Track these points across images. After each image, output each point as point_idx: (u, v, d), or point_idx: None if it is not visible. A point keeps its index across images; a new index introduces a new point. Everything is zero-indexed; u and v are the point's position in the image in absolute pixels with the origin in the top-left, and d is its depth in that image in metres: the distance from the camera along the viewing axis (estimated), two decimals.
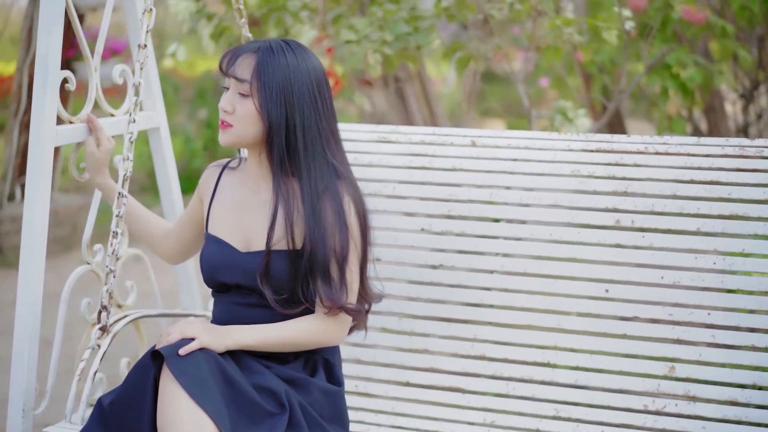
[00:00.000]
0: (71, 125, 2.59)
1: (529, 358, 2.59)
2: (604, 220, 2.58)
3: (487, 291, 2.65)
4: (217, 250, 2.30)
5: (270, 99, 2.18)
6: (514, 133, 2.79)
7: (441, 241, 2.71)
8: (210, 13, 3.95)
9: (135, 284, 2.91)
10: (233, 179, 2.39)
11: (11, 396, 2.43)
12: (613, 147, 2.64)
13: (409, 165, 2.80)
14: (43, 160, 2.47)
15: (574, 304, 2.57)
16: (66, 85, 2.57)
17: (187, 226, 2.52)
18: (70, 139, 2.58)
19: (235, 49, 2.27)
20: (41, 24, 2.47)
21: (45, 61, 2.46)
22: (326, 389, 2.23)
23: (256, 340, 2.17)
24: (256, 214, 2.29)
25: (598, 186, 2.60)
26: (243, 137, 2.24)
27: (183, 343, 2.06)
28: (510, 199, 2.68)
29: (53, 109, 2.48)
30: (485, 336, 2.64)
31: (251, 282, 2.23)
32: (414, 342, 2.69)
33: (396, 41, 3.49)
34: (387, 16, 3.53)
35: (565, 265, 2.59)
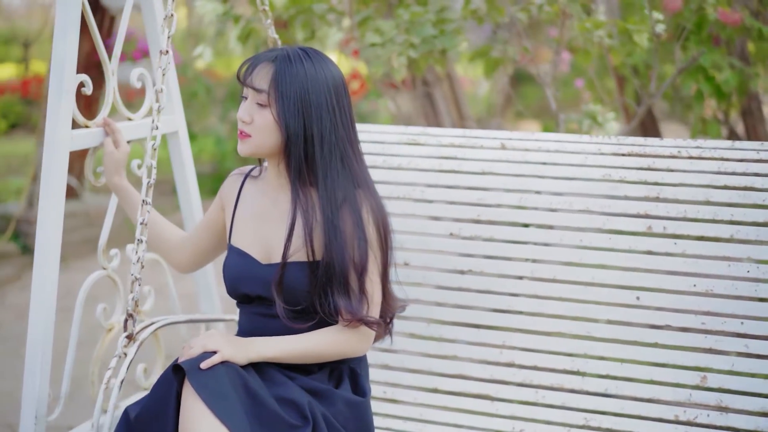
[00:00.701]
0: (87, 129, 2.58)
1: (559, 365, 2.57)
2: (635, 226, 2.54)
3: (516, 297, 2.63)
4: (238, 262, 2.30)
5: (287, 109, 2.18)
6: (544, 135, 2.76)
7: (469, 246, 2.69)
8: (237, 15, 3.94)
9: (153, 289, 2.94)
10: (254, 188, 2.39)
11: (23, 402, 2.43)
12: (645, 151, 2.60)
13: (438, 168, 2.78)
14: (58, 165, 2.46)
15: (605, 311, 2.54)
16: (83, 89, 2.57)
17: (206, 234, 2.51)
18: (85, 144, 2.57)
19: (253, 58, 2.26)
20: (57, 27, 2.47)
21: (61, 65, 2.45)
22: (351, 401, 2.22)
23: (278, 351, 2.18)
24: (275, 225, 2.29)
25: (629, 191, 2.57)
26: (261, 147, 2.24)
27: (205, 357, 2.07)
28: (540, 204, 2.65)
29: (68, 114, 2.47)
30: (514, 343, 2.62)
31: (272, 293, 2.23)
32: (442, 348, 2.68)
33: (422, 44, 3.46)
34: (414, 18, 3.50)
35: (596, 271, 2.56)
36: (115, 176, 2.58)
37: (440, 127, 2.98)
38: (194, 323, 2.71)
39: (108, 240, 2.75)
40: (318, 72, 2.20)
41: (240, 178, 2.44)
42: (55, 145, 2.45)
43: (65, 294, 2.82)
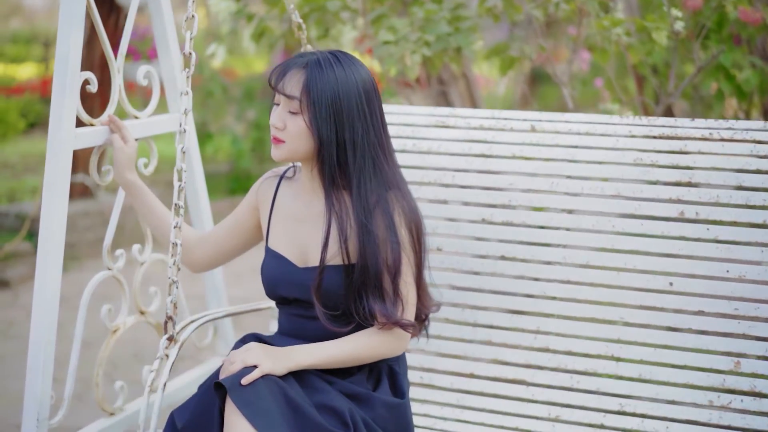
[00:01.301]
0: (92, 128, 2.56)
1: (593, 350, 2.60)
2: (667, 211, 2.55)
3: (549, 283, 2.66)
4: (276, 265, 2.36)
5: (320, 116, 2.21)
6: (574, 116, 2.75)
7: (502, 232, 2.71)
8: (250, 13, 3.91)
9: (159, 291, 2.94)
10: (289, 190, 2.43)
11: (25, 404, 2.44)
12: (676, 133, 2.59)
13: (468, 152, 2.79)
14: (61, 164, 2.45)
15: (638, 297, 2.56)
16: (87, 86, 2.55)
17: (231, 234, 2.53)
18: (90, 142, 2.56)
19: (284, 65, 2.28)
20: (61, 23, 2.44)
21: (65, 62, 2.44)
22: (390, 404, 2.28)
23: (316, 359, 2.23)
24: (310, 228, 2.33)
25: (661, 176, 2.57)
26: (295, 153, 2.28)
27: (245, 372, 2.13)
28: (571, 189, 2.66)
29: (72, 112, 2.46)
30: (548, 328, 2.66)
31: (309, 296, 2.29)
32: (478, 333, 2.72)
33: (436, 42, 3.42)
34: (428, 15, 3.46)
35: (628, 257, 2.58)
36: (126, 173, 2.57)
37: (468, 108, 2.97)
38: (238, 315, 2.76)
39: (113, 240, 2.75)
40: (348, 77, 2.23)
41: (275, 180, 2.48)
42: (59, 144, 2.44)
43: (78, 293, 2.84)
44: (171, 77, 2.92)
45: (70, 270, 5.98)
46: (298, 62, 2.26)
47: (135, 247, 2.85)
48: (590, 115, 2.75)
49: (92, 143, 2.57)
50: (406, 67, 3.51)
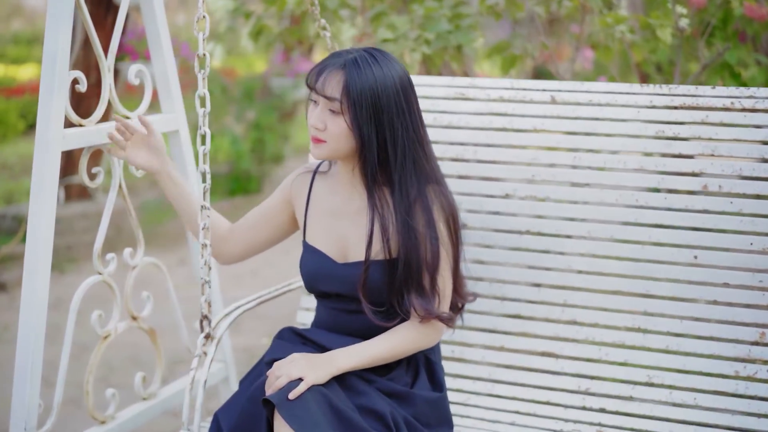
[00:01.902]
0: (81, 128, 2.52)
1: (620, 323, 2.65)
2: (690, 185, 2.57)
3: (575, 256, 2.70)
4: (315, 261, 2.42)
5: (360, 116, 2.26)
6: (594, 86, 2.75)
7: (526, 207, 2.74)
8: (248, 12, 3.85)
9: (151, 295, 2.93)
10: (325, 185, 2.48)
11: (12, 412, 2.42)
12: (698, 103, 2.58)
13: (489, 126, 2.81)
14: (49, 166, 2.41)
15: (663, 270, 2.60)
16: (77, 86, 2.51)
17: (262, 227, 2.58)
18: (79, 143, 2.52)
19: (321, 65, 2.31)
20: (48, 21, 2.41)
21: (53, 61, 2.40)
22: (430, 399, 2.37)
23: (357, 362, 2.30)
24: (350, 224, 2.40)
25: (683, 149, 2.58)
26: (336, 152, 2.33)
27: (291, 386, 2.19)
28: (594, 163, 2.68)
29: (60, 112, 2.43)
30: (575, 301, 2.71)
31: (350, 291, 2.37)
32: (506, 306, 2.78)
33: (436, 40, 3.38)
34: (428, 13, 3.40)
35: (653, 230, 2.61)
36: (167, 165, 2.56)
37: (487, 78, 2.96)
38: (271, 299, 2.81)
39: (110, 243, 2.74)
40: (386, 75, 2.27)
41: (309, 175, 2.52)
42: (47, 145, 2.41)
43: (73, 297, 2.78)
44: (164, 77, 2.89)
45: (67, 272, 5.98)
46: (336, 62, 2.29)
47: (126, 250, 2.82)
48: (610, 84, 2.74)
49: (81, 144, 2.53)
50: (406, 65, 3.48)
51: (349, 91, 2.24)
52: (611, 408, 2.62)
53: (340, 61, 2.28)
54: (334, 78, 2.27)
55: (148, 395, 2.92)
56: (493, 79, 2.90)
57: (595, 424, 2.60)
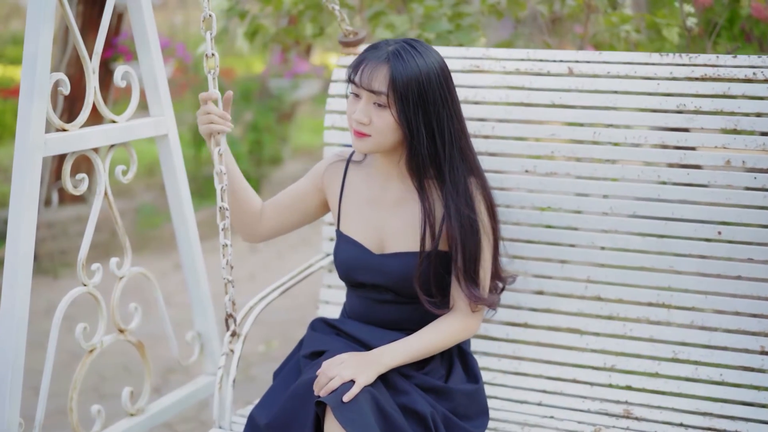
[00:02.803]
0: (64, 133, 2.45)
1: (644, 299, 2.66)
2: (713, 160, 2.55)
3: (597, 233, 2.70)
4: (351, 251, 2.45)
5: (408, 109, 2.27)
6: (612, 56, 2.73)
7: (546, 183, 2.73)
8: (243, 11, 3.76)
9: (139, 306, 2.87)
10: (360, 174, 2.50)
11: None
12: (719, 73, 2.55)
13: (506, 100, 2.78)
14: (29, 172, 2.35)
15: (686, 246, 2.60)
16: (59, 88, 2.44)
17: (292, 209, 2.58)
18: (61, 149, 2.44)
19: (362, 59, 2.32)
20: (29, 20, 2.34)
21: (33, 63, 2.33)
22: (467, 391, 2.42)
23: (402, 359, 2.33)
24: (387, 214, 2.43)
25: (705, 122, 2.55)
26: (382, 146, 2.35)
27: (344, 388, 2.19)
28: (614, 138, 2.66)
29: (41, 116, 2.35)
30: (599, 277, 2.72)
31: (388, 282, 2.40)
32: (529, 283, 2.79)
33: (437, 40, 3.30)
34: (428, 12, 3.31)
35: (675, 206, 2.60)
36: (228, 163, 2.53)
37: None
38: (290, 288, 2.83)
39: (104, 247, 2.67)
40: (429, 64, 2.29)
41: (342, 164, 2.54)
42: (27, 151, 2.34)
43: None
44: (152, 78, 2.82)
45: (61, 277, 5.85)
46: (378, 55, 2.29)
47: (113, 260, 2.74)
48: (628, 54, 2.70)
49: (63, 150, 2.46)
50: None
51: (395, 83, 2.25)
52: (637, 385, 2.65)
53: (382, 54, 2.29)
54: (378, 71, 2.27)
55: (136, 411, 2.85)
56: (508, 50, 2.86)
57: (622, 402, 2.63)
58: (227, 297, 2.55)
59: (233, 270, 2.56)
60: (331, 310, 2.96)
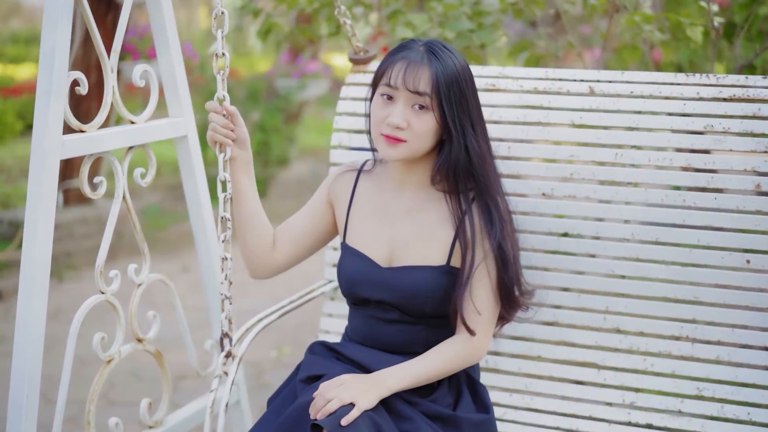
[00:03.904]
0: (82, 134, 2.38)
1: (667, 331, 2.53)
2: (743, 184, 2.43)
3: (617, 260, 2.57)
4: (356, 264, 2.31)
5: (452, 110, 2.18)
6: (634, 75, 2.63)
7: (564, 207, 2.61)
8: (257, 9, 3.70)
9: (158, 315, 2.76)
10: (370, 184, 2.38)
11: None
12: (748, 94, 2.44)
13: (523, 120, 2.67)
14: (46, 175, 2.27)
15: (712, 275, 2.46)
16: (76, 88, 2.37)
17: (306, 231, 2.43)
18: (79, 151, 2.37)
19: (397, 59, 2.21)
20: (46, 20, 2.27)
21: (50, 61, 2.26)
22: (476, 422, 2.26)
23: (407, 382, 2.20)
24: (398, 224, 2.30)
25: (734, 144, 2.43)
26: (417, 152, 2.23)
27: (343, 411, 2.06)
28: (637, 160, 2.54)
29: (59, 116, 2.27)
30: (618, 308, 2.59)
31: (395, 298, 2.26)
32: (543, 314, 2.66)
33: (458, 39, 3.23)
34: (447, 11, 3.25)
35: (701, 233, 2.48)
36: (244, 177, 2.36)
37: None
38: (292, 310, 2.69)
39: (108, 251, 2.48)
40: (463, 64, 2.22)
41: (353, 174, 2.42)
42: (44, 153, 2.27)
43: (74, 306, 2.63)
44: (171, 77, 2.73)
45: (66, 280, 5.85)
46: (413, 55, 2.20)
47: (131, 267, 2.64)
48: (652, 74, 2.60)
49: (82, 152, 2.39)
50: None
51: (439, 84, 2.16)
52: (658, 423, 2.50)
53: (417, 54, 2.19)
54: (421, 71, 2.17)
55: (154, 423, 2.74)
56: (526, 69, 2.76)
57: None
58: (223, 315, 2.41)
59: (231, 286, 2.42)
60: (332, 339, 2.81)
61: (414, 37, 3.25)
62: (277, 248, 2.43)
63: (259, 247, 2.41)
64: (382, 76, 2.22)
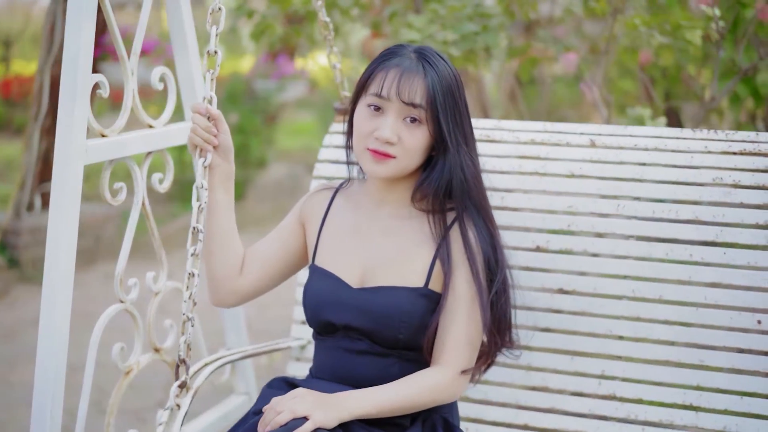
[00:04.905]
0: (104, 139, 2.32)
1: (668, 399, 2.35)
2: (754, 238, 2.30)
3: (615, 320, 2.41)
4: (325, 286, 2.12)
5: (447, 125, 2.03)
6: (639, 130, 2.53)
7: (560, 261, 2.45)
8: (251, 10, 3.67)
9: (174, 324, 2.66)
10: (346, 203, 2.22)
11: None
12: (759, 149, 2.33)
13: (519, 170, 2.54)
14: (71, 182, 2.21)
15: (721, 337, 2.31)
16: (98, 91, 2.32)
17: (279, 255, 2.25)
18: (102, 156, 2.32)
19: (389, 66, 2.05)
20: (70, 19, 2.21)
21: (74, 64, 2.20)
22: None
23: (372, 409, 1.98)
24: (374, 244, 2.12)
25: (745, 197, 2.31)
26: (405, 169, 2.08)
27: (294, 425, 1.88)
28: (640, 212, 2.40)
29: (83, 121, 2.22)
30: (615, 372, 2.42)
31: (365, 323, 2.06)
32: (531, 378, 2.46)
33: (462, 41, 3.19)
34: (451, 13, 3.23)
35: (709, 290, 2.33)
36: (221, 190, 2.17)
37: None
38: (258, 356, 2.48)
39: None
40: (456, 73, 2.07)
41: (329, 192, 2.26)
42: (69, 159, 2.20)
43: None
44: (189, 80, 2.69)
45: None
46: (405, 62, 2.04)
47: (149, 275, 2.59)
48: (657, 128, 2.50)
49: (104, 157, 2.33)
50: None
51: (434, 95, 2.00)
52: None
53: (409, 61, 2.03)
54: (414, 80, 2.01)
55: None
56: (522, 122, 2.65)
57: None
58: (183, 338, 2.16)
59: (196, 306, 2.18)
60: None
61: (419, 39, 3.16)
62: (243, 272, 2.24)
63: (226, 270, 2.22)
64: (371, 84, 2.06)
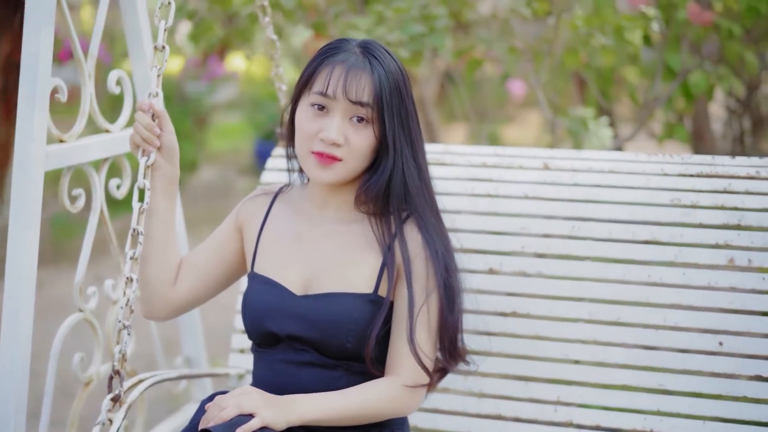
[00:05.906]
0: (62, 144, 2.26)
1: (627, 425, 2.28)
2: (714, 258, 2.27)
3: (571, 343, 2.35)
4: (267, 294, 2.00)
5: (392, 125, 1.93)
6: (594, 154, 2.50)
7: (513, 284, 2.37)
8: (191, 11, 3.59)
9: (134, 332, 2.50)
10: (287, 209, 2.10)
11: None
12: (716, 171, 2.32)
13: (471, 192, 2.48)
14: (31, 190, 2.14)
15: (681, 359, 2.25)
16: (56, 95, 2.26)
17: (213, 263, 2.12)
18: (62, 162, 2.26)
19: (334, 61, 1.94)
20: (28, 24, 2.15)
21: (33, 68, 2.13)
22: None
23: (323, 414, 1.87)
24: (317, 249, 2.01)
25: (704, 218, 2.28)
26: (353, 172, 1.97)
27: (240, 421, 1.76)
28: (596, 233, 2.35)
29: (43, 127, 2.15)
30: (571, 398, 2.34)
31: (310, 332, 1.95)
32: (484, 405, 2.37)
33: (410, 42, 3.21)
34: (397, 14, 3.22)
35: (668, 312, 2.29)
36: (162, 195, 2.04)
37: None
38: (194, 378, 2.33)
39: None
40: (402, 67, 1.96)
41: (268, 198, 2.14)
42: (28, 166, 2.13)
43: None
44: (146, 84, 2.59)
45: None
46: (350, 58, 1.93)
47: (108, 282, 2.52)
48: (612, 153, 2.49)
49: (63, 163, 2.27)
50: None
51: (382, 92, 1.90)
52: None
53: (355, 58, 1.93)
54: (361, 77, 1.91)
55: None
56: (473, 146, 2.61)
57: None
58: (118, 348, 1.98)
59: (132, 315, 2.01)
60: None
61: None
62: (177, 282, 2.10)
63: (160, 280, 2.08)
64: (314, 82, 1.95)
